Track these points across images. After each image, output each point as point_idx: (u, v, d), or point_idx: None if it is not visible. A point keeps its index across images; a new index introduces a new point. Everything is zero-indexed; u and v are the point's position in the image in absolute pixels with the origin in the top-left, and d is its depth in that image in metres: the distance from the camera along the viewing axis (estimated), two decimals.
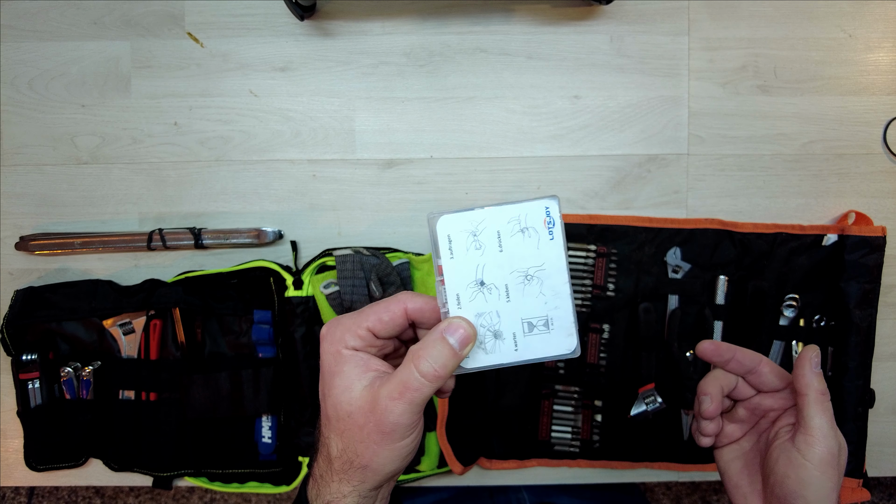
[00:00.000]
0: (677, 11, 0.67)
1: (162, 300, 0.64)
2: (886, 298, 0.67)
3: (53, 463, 0.67)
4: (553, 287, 0.35)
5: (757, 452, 0.45)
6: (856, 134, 0.68)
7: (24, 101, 0.68)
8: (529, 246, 0.35)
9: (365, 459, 0.35)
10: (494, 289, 0.35)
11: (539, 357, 0.36)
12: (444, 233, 0.35)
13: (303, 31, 0.67)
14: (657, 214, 0.68)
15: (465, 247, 0.35)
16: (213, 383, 0.64)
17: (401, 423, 0.33)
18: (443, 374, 0.33)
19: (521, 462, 0.68)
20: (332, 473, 0.36)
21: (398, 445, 0.34)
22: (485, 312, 0.35)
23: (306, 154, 0.68)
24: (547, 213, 0.35)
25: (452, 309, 0.35)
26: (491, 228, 0.35)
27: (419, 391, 0.33)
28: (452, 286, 0.35)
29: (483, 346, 0.36)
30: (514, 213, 0.35)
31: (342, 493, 0.35)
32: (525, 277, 0.35)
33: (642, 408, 0.66)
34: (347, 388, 0.34)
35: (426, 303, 0.36)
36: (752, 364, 0.44)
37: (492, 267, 0.35)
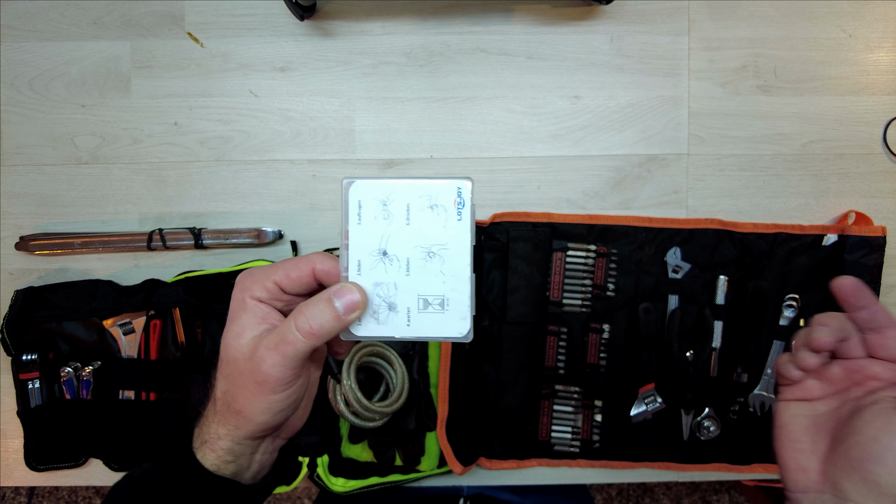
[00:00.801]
0: (677, 11, 0.67)
1: (162, 300, 0.64)
2: (886, 298, 0.67)
3: (53, 463, 0.67)
4: (454, 268, 0.35)
5: (834, 417, 0.40)
6: (856, 134, 0.68)
7: (24, 101, 0.68)
8: (437, 224, 0.35)
9: (239, 405, 0.35)
10: (396, 260, 0.35)
11: (429, 336, 0.36)
12: (356, 198, 0.35)
13: (303, 31, 0.67)
14: (657, 214, 0.68)
15: (373, 215, 0.35)
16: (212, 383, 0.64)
17: (271, 374, 0.34)
18: (318, 332, 0.33)
19: (521, 462, 0.68)
20: (214, 414, 0.37)
21: (270, 398, 0.35)
22: (383, 283, 0.35)
23: (306, 154, 0.68)
24: (458, 194, 0.35)
25: (352, 274, 0.35)
26: (401, 200, 0.35)
27: (293, 345, 0.33)
28: (355, 252, 0.35)
29: (376, 315, 0.36)
30: (426, 189, 0.35)
31: (218, 435, 0.36)
32: (427, 254, 0.35)
33: (642, 408, 0.66)
34: (239, 334, 0.35)
35: (334, 266, 0.36)
36: (884, 323, 0.38)
37: (397, 239, 0.35)
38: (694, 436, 0.67)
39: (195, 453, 0.37)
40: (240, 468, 0.38)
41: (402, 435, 0.66)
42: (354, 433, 0.66)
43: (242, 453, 0.37)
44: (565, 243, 0.66)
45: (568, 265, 0.66)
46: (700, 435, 0.67)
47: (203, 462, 0.37)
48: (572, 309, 0.66)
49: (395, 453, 0.66)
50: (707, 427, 0.67)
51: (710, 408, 0.67)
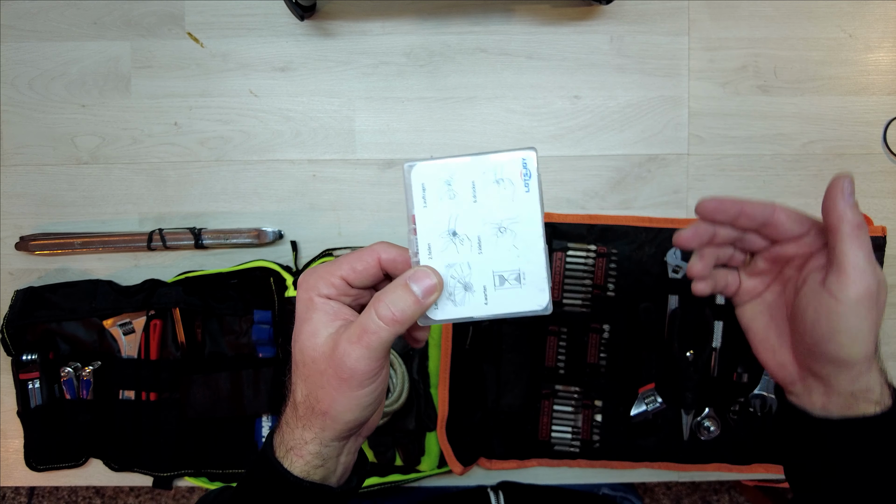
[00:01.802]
0: (677, 11, 0.67)
1: (162, 300, 0.64)
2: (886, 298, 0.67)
3: (53, 463, 0.67)
4: (526, 240, 0.34)
5: (783, 303, 0.40)
6: (856, 134, 0.68)
7: (24, 101, 0.68)
8: (504, 198, 0.34)
9: (325, 405, 0.34)
10: (466, 240, 0.35)
11: (509, 312, 0.35)
12: (419, 181, 0.34)
13: (303, 31, 0.67)
14: (657, 214, 0.68)
15: (438, 196, 0.34)
16: (213, 383, 0.64)
17: (357, 368, 0.33)
18: (401, 318, 0.32)
19: (521, 462, 0.67)
20: (297, 419, 0.36)
21: (357, 394, 0.34)
22: (456, 263, 0.35)
23: (306, 154, 0.68)
24: (524, 165, 0.34)
25: (423, 258, 0.35)
26: (466, 178, 0.34)
27: (376, 335, 0.32)
28: (424, 235, 0.35)
29: (452, 297, 0.35)
30: (490, 164, 0.34)
31: (304, 440, 0.35)
32: (498, 229, 0.34)
33: (642, 408, 0.66)
34: (313, 333, 0.34)
35: (400, 254, 0.35)
36: (765, 215, 0.38)
37: (465, 217, 0.34)
38: (694, 436, 0.67)
39: (281, 462, 0.36)
40: (328, 472, 0.36)
41: (402, 435, 0.66)
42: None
43: (330, 456, 0.36)
44: (565, 243, 0.66)
45: (568, 265, 0.66)
46: (700, 435, 0.67)
47: (292, 470, 0.35)
48: (572, 309, 0.66)
49: (395, 453, 0.66)
50: (707, 427, 0.66)
51: (710, 408, 0.67)
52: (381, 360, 0.33)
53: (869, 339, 0.35)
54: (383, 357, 0.34)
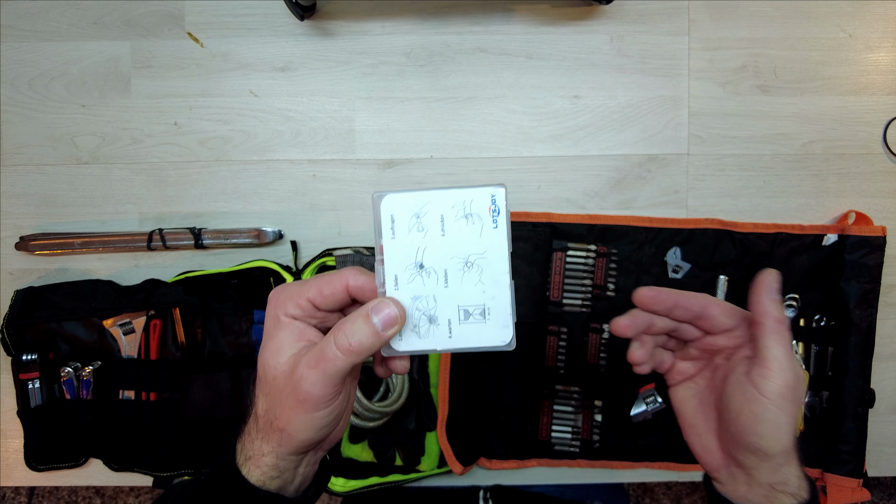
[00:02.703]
0: (677, 11, 0.67)
1: (162, 300, 0.64)
2: (886, 298, 0.67)
3: (53, 463, 0.67)
4: (493, 276, 0.35)
5: (713, 390, 0.42)
6: (856, 134, 0.68)
7: (24, 101, 0.68)
8: (472, 232, 0.34)
9: (282, 423, 0.35)
10: (433, 273, 0.35)
11: (472, 346, 0.35)
12: (388, 212, 0.35)
13: (303, 31, 0.67)
14: (657, 214, 0.68)
15: (407, 228, 0.35)
16: (213, 383, 0.64)
17: (313, 392, 0.33)
18: (357, 349, 0.33)
19: (521, 462, 0.67)
20: (257, 431, 0.37)
21: (312, 416, 0.34)
22: (421, 296, 0.35)
23: (306, 154, 0.68)
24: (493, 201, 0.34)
25: (389, 289, 0.35)
26: (435, 211, 0.34)
27: (332, 363, 0.33)
28: (391, 267, 0.35)
29: (417, 329, 0.35)
30: (459, 198, 0.34)
31: (262, 452, 0.36)
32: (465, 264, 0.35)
33: (642, 408, 0.66)
34: (276, 352, 0.35)
35: (368, 281, 0.35)
36: (700, 308, 0.40)
37: (433, 250, 0.35)
38: None
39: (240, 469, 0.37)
40: (284, 482, 0.37)
41: (402, 435, 0.66)
42: (354, 433, 0.66)
43: (287, 468, 0.37)
44: (565, 243, 0.66)
45: (568, 265, 0.66)
46: None
47: (248, 478, 0.36)
48: (572, 309, 0.66)
49: (395, 453, 0.66)
50: None
51: None
52: (336, 386, 0.34)
53: (788, 431, 0.37)
54: (339, 383, 0.34)
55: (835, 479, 0.65)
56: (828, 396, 0.66)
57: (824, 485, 0.66)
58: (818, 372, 0.66)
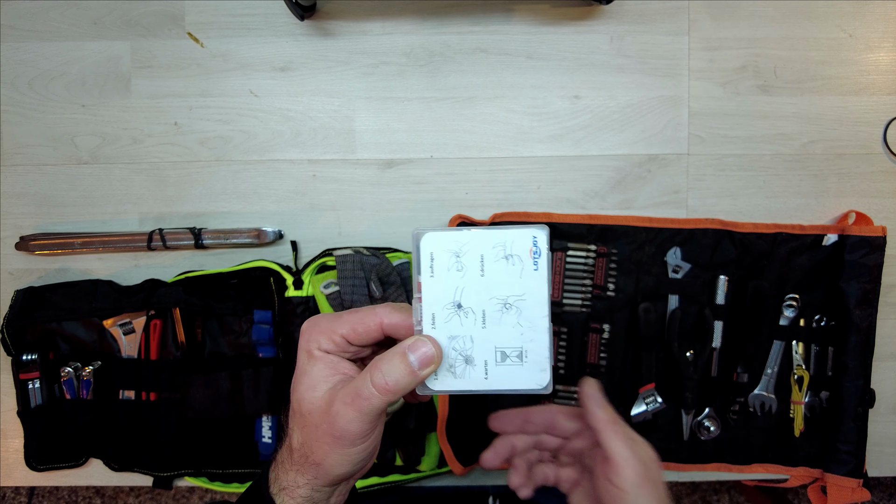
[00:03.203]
0: (677, 11, 0.67)
1: (162, 300, 0.64)
2: (886, 298, 0.67)
3: (53, 463, 0.67)
4: (531, 319, 0.34)
5: (595, 490, 0.44)
6: (856, 134, 0.68)
7: (24, 101, 0.68)
8: (512, 274, 0.34)
9: (318, 457, 0.35)
10: (471, 313, 0.35)
11: (508, 389, 0.35)
12: (428, 250, 0.34)
13: (303, 31, 0.67)
14: (657, 214, 0.68)
15: (446, 267, 0.34)
16: (213, 383, 0.64)
17: (349, 429, 0.34)
18: (394, 388, 0.33)
19: None
20: (291, 463, 0.37)
21: (349, 451, 0.35)
22: (458, 336, 0.35)
23: (306, 154, 0.68)
24: (534, 243, 0.34)
25: (426, 328, 0.35)
26: (475, 251, 0.34)
27: (369, 401, 0.33)
28: (429, 305, 0.35)
29: (453, 369, 0.35)
30: (500, 239, 0.34)
31: (297, 484, 0.36)
32: (504, 305, 0.34)
33: (642, 408, 0.66)
34: (312, 387, 0.35)
35: (403, 319, 0.35)
36: (547, 419, 0.44)
37: (471, 291, 0.34)
38: (694, 436, 0.67)
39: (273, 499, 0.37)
40: None
41: (402, 435, 0.66)
42: None
43: (320, 500, 0.37)
44: (565, 243, 0.66)
45: (568, 265, 0.66)
46: (700, 435, 0.67)
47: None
48: (572, 309, 0.66)
49: (395, 453, 0.66)
50: (707, 427, 0.67)
51: (710, 408, 0.67)
52: (373, 423, 0.34)
53: None
54: (375, 419, 0.34)
55: (835, 479, 0.65)
56: (828, 396, 0.66)
57: (824, 485, 0.66)
58: (818, 372, 0.66)
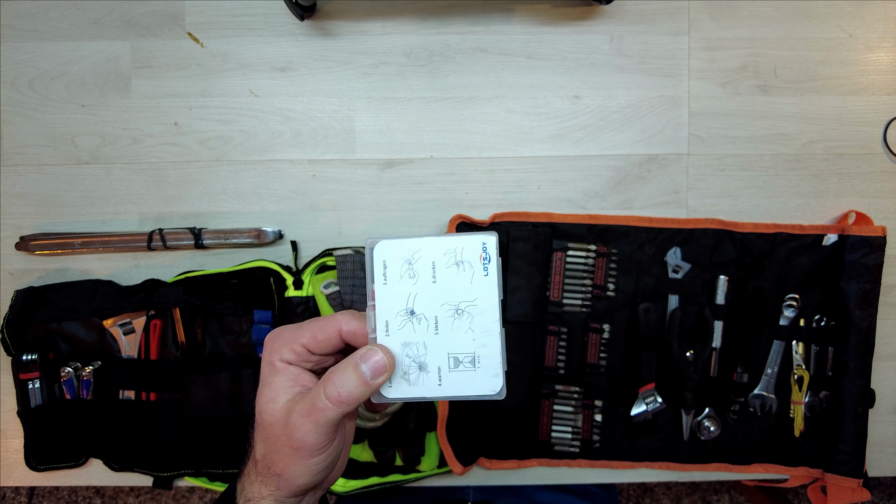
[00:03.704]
0: (677, 11, 0.67)
1: (162, 300, 0.64)
2: (886, 298, 0.67)
3: (53, 463, 0.67)
4: (483, 324, 0.35)
5: None
6: (856, 134, 0.68)
7: (24, 101, 0.68)
8: (463, 280, 0.35)
9: (279, 468, 0.36)
10: (424, 319, 0.35)
11: (462, 395, 0.35)
12: (381, 258, 0.35)
13: (303, 31, 0.67)
14: (657, 214, 0.68)
15: (399, 274, 0.35)
16: (213, 383, 0.64)
17: (307, 441, 0.34)
18: (347, 399, 0.33)
19: (521, 462, 0.67)
20: (256, 474, 0.37)
21: (308, 462, 0.35)
22: (412, 343, 0.35)
23: (306, 154, 0.68)
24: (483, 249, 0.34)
25: (380, 336, 0.35)
26: (427, 258, 0.35)
27: (324, 413, 0.33)
28: (382, 313, 0.35)
29: (406, 376, 0.35)
30: (450, 245, 0.34)
31: (261, 495, 0.37)
32: (456, 311, 0.35)
33: (642, 408, 0.66)
34: (272, 398, 0.36)
35: (360, 326, 0.36)
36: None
37: (424, 297, 0.35)
38: (694, 436, 0.67)
39: None
40: None
41: (402, 435, 0.66)
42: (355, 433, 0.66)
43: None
44: (565, 243, 0.66)
45: (568, 265, 0.66)
46: (700, 435, 0.67)
47: None
48: (572, 309, 0.66)
49: (395, 453, 0.66)
50: (707, 427, 0.67)
51: (710, 408, 0.67)
52: (329, 434, 0.35)
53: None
54: (332, 430, 0.35)
55: (835, 479, 0.65)
56: (828, 396, 0.66)
57: (824, 485, 0.66)
58: (818, 372, 0.66)
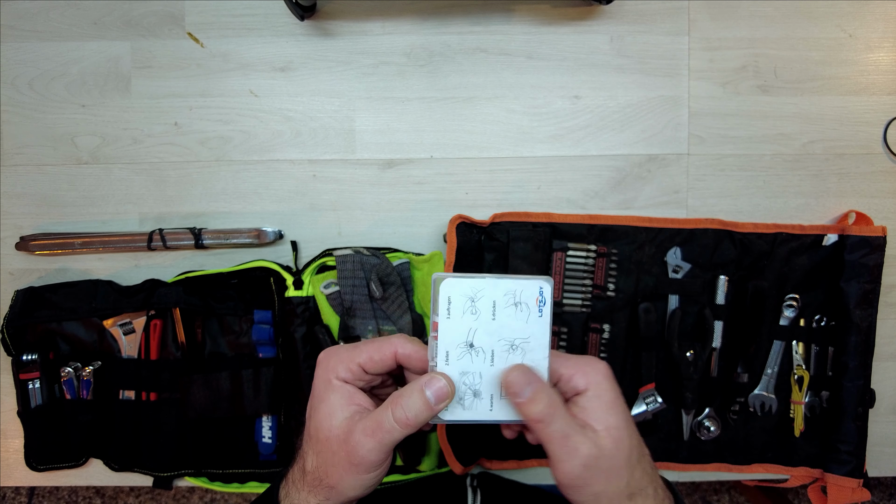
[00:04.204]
0: (677, 11, 0.67)
1: (162, 300, 0.64)
2: (886, 298, 0.67)
3: (53, 463, 0.67)
4: (534, 360, 0.38)
5: None
6: (856, 134, 0.68)
7: (24, 102, 0.68)
8: (520, 319, 0.38)
9: (333, 481, 0.38)
10: (482, 352, 0.38)
11: (510, 419, 0.39)
12: (446, 294, 0.38)
13: (303, 31, 0.67)
14: (657, 214, 0.68)
15: (461, 310, 0.38)
16: (213, 383, 0.64)
17: (368, 458, 0.37)
18: (413, 422, 0.36)
19: (521, 462, 0.67)
20: (304, 484, 0.39)
21: (364, 477, 0.37)
22: (469, 372, 0.38)
23: (306, 154, 0.68)
24: (540, 293, 0.38)
25: (440, 364, 0.38)
26: (488, 297, 0.38)
27: (390, 433, 0.36)
28: (444, 343, 0.38)
29: (462, 401, 0.39)
30: (511, 287, 0.38)
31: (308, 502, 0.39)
32: (511, 347, 0.38)
33: (642, 408, 0.66)
34: (330, 415, 0.38)
35: (416, 351, 0.39)
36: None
37: (483, 332, 0.38)
38: (694, 436, 0.67)
39: None
40: None
41: None
42: None
43: None
44: (565, 243, 0.66)
45: (568, 265, 0.66)
46: (700, 435, 0.67)
47: None
48: (572, 309, 0.66)
49: (395, 453, 0.66)
50: (707, 427, 0.67)
51: (710, 408, 0.67)
52: (389, 453, 0.38)
53: (606, 500, 0.38)
54: (391, 450, 0.37)
55: (835, 479, 0.65)
56: (828, 396, 0.66)
57: (824, 485, 0.66)
58: (818, 372, 0.66)
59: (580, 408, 0.38)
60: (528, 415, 0.37)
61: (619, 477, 0.38)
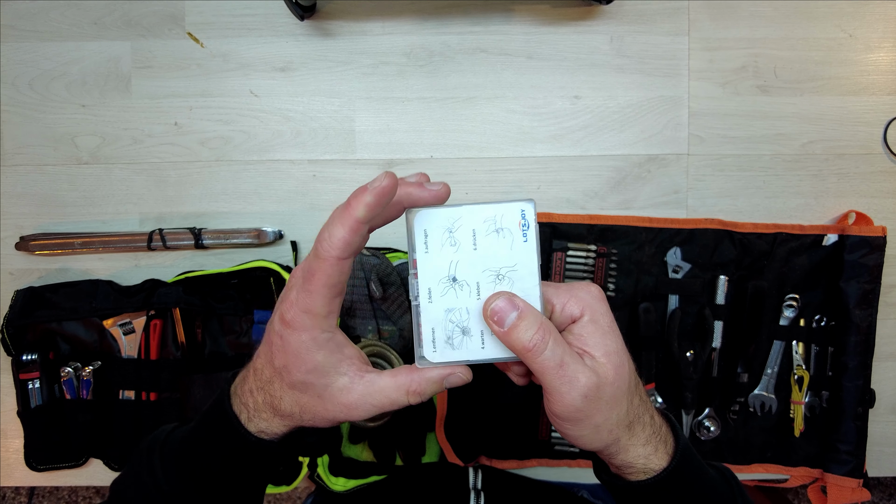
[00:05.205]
0: (677, 11, 0.67)
1: (162, 300, 0.64)
2: (886, 298, 0.67)
3: (53, 463, 0.67)
4: (524, 289, 0.35)
5: None
6: (856, 134, 0.68)
7: (24, 101, 0.68)
8: (503, 246, 0.35)
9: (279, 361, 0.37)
10: (466, 285, 0.35)
11: (504, 357, 0.36)
12: (421, 227, 0.35)
13: (303, 31, 0.67)
14: (657, 214, 0.68)
15: (440, 243, 0.35)
16: (213, 383, 0.64)
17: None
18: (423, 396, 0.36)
19: (521, 462, 0.67)
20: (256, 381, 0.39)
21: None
22: (455, 308, 0.36)
23: (306, 154, 0.68)
24: (522, 216, 0.35)
25: (423, 302, 0.35)
26: (467, 226, 0.35)
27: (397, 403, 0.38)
28: (425, 280, 0.35)
29: (451, 341, 0.36)
30: (490, 213, 0.35)
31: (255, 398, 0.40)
32: (497, 277, 0.35)
33: None
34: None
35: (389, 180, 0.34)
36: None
37: (465, 264, 0.35)
38: (694, 436, 0.67)
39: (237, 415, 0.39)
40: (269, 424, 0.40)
41: (402, 435, 0.66)
42: (355, 433, 0.66)
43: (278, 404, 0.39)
44: (565, 243, 0.66)
45: (568, 265, 0.66)
46: (700, 435, 0.67)
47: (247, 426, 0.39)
48: None
49: (395, 453, 0.66)
50: (707, 427, 0.67)
51: (709, 408, 0.67)
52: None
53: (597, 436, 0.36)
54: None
55: (835, 479, 0.65)
56: (828, 396, 0.66)
57: (824, 485, 0.66)
58: (818, 372, 0.66)
59: (575, 335, 0.36)
60: (516, 343, 0.34)
61: (619, 405, 0.36)
